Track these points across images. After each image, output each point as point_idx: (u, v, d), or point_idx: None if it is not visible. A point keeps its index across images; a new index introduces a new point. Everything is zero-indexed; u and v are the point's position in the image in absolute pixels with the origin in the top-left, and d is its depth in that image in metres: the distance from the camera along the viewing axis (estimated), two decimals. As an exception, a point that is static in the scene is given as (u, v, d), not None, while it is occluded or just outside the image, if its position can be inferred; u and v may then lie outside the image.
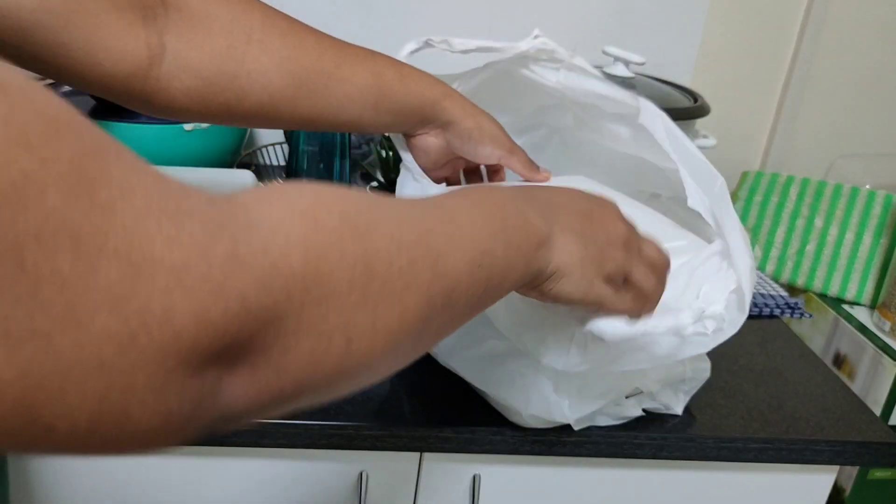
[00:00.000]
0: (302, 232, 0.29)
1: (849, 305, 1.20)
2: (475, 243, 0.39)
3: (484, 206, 0.41)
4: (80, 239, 0.22)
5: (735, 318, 0.62)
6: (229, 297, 0.25)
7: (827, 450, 0.74)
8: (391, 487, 0.74)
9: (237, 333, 0.26)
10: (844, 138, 1.39)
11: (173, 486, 0.72)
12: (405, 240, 0.34)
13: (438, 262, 0.35)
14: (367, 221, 0.32)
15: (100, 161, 0.23)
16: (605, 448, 0.71)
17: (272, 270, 0.27)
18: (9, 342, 0.21)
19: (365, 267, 0.31)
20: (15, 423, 0.22)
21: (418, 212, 0.37)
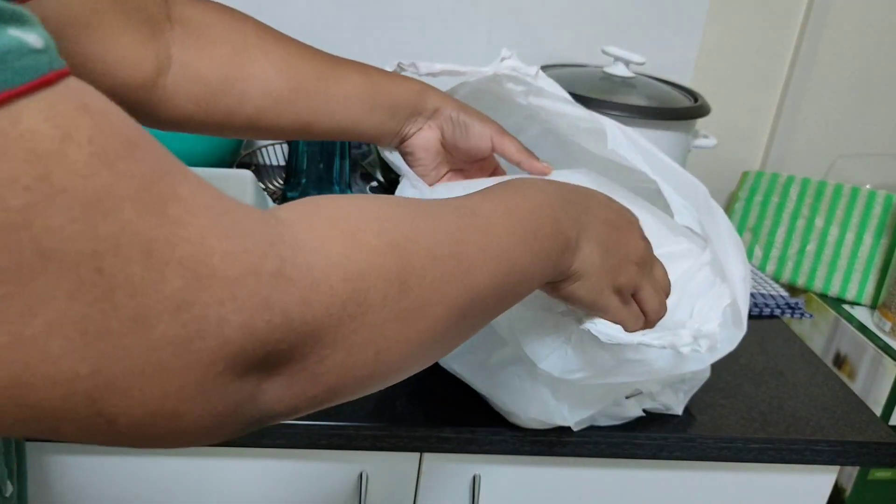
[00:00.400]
0: (343, 252, 0.31)
1: (849, 305, 1.20)
2: (506, 253, 0.40)
3: (519, 212, 0.42)
4: (152, 250, 0.24)
5: (731, 335, 0.62)
6: (274, 311, 0.27)
7: (827, 450, 0.74)
8: (391, 487, 0.74)
9: (278, 344, 0.28)
10: (845, 138, 1.39)
11: (174, 485, 0.72)
12: (440, 253, 0.35)
13: (469, 274, 0.37)
14: (405, 237, 0.34)
15: (169, 180, 0.25)
16: (605, 448, 0.71)
17: (314, 288, 0.29)
18: (85, 339, 0.23)
19: (400, 283, 0.33)
20: (82, 413, 0.24)
21: (455, 222, 0.38)
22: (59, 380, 0.23)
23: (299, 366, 0.29)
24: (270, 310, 0.27)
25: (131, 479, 0.71)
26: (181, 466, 0.71)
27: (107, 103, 0.25)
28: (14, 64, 0.22)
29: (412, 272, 0.33)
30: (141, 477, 0.71)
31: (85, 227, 0.23)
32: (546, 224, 0.44)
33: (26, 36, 0.23)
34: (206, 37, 0.59)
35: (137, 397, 0.25)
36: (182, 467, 0.71)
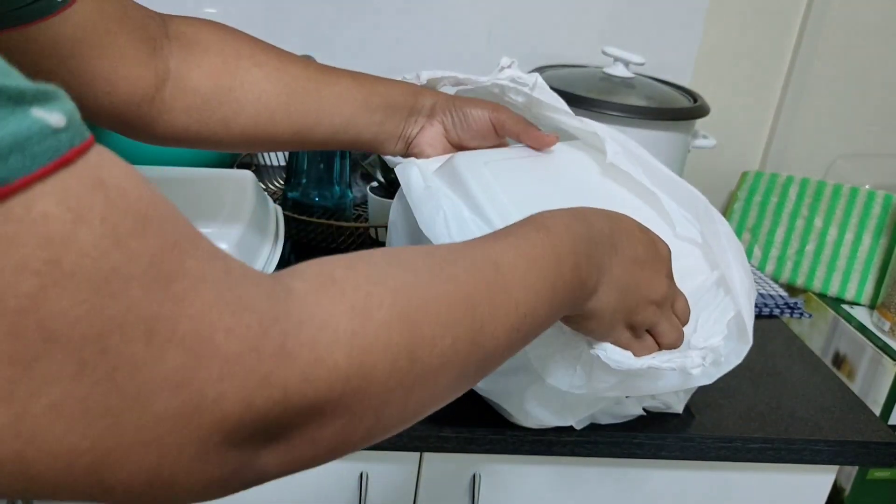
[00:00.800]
0: (350, 328, 0.30)
1: (848, 305, 1.20)
2: (522, 308, 0.39)
3: (542, 263, 0.42)
4: (154, 328, 0.24)
5: (737, 348, 0.62)
6: (274, 388, 0.27)
7: (826, 450, 0.74)
8: (391, 487, 0.74)
9: (277, 418, 0.28)
10: (844, 138, 1.39)
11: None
12: (452, 318, 0.35)
13: (480, 333, 0.37)
14: (417, 306, 0.34)
15: (177, 254, 0.26)
16: (604, 448, 0.71)
17: (316, 365, 0.29)
18: (87, 418, 0.24)
19: (409, 355, 0.33)
20: (81, 483, 0.25)
21: (472, 281, 0.37)
22: (60, 454, 0.24)
23: (298, 435, 0.30)
24: (270, 386, 0.27)
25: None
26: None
27: (124, 172, 0.25)
28: (34, 149, 0.22)
29: (422, 343, 0.33)
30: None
31: (91, 309, 0.23)
32: (567, 273, 0.43)
33: (49, 116, 0.23)
34: (200, 49, 0.60)
35: (135, 468, 0.25)
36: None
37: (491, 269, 0.39)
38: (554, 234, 0.43)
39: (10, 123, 0.22)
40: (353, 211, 1.07)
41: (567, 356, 0.58)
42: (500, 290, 0.38)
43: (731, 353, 0.62)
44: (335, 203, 1.00)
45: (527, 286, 0.40)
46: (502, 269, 0.39)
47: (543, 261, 0.42)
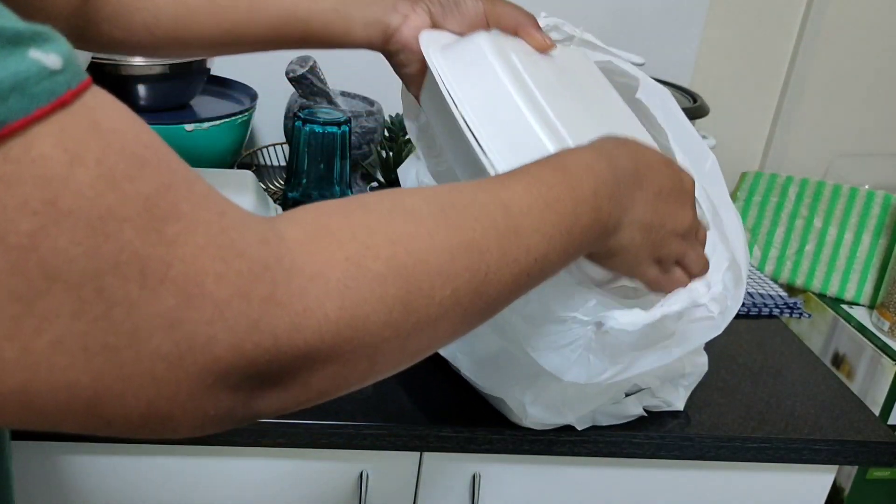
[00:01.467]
0: (343, 279, 0.30)
1: (848, 305, 1.20)
2: (533, 253, 0.37)
3: (559, 207, 0.39)
4: (147, 269, 0.25)
5: (736, 294, 0.63)
6: (263, 334, 0.27)
7: (826, 449, 0.74)
8: (391, 487, 0.74)
9: (268, 364, 0.28)
10: (843, 138, 1.39)
11: (174, 485, 0.72)
12: (454, 268, 0.34)
13: (484, 282, 0.35)
14: (416, 257, 0.32)
15: (171, 196, 0.26)
16: (604, 447, 0.71)
17: (306, 314, 0.29)
18: (87, 354, 0.25)
19: (404, 307, 0.32)
20: (82, 415, 0.26)
21: (479, 227, 0.35)
22: (61, 388, 0.25)
23: (290, 379, 0.30)
24: (259, 332, 0.27)
25: (130, 479, 0.72)
26: (181, 466, 0.71)
27: (121, 114, 0.26)
28: (32, 90, 0.23)
29: (419, 295, 0.32)
30: (140, 477, 0.72)
31: (87, 249, 0.24)
32: (585, 216, 0.40)
33: (46, 58, 0.23)
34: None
35: (132, 403, 0.26)
36: (182, 467, 0.71)
37: (501, 213, 0.36)
38: (573, 176, 0.41)
39: (10, 64, 0.22)
40: (353, 211, 1.07)
41: (577, 349, 0.58)
42: (509, 237, 0.36)
43: (732, 299, 0.63)
44: (335, 203, 1.00)
45: (540, 231, 0.38)
46: (513, 213, 0.37)
47: (559, 204, 0.39)
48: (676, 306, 0.54)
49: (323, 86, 1.06)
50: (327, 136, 0.96)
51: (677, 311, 0.54)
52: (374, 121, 1.10)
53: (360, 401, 0.70)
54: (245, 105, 1.10)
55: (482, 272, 0.35)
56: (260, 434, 0.67)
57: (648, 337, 0.59)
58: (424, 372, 0.75)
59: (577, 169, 0.41)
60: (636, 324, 0.53)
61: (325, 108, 1.04)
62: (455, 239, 0.34)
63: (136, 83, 1.00)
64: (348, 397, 0.70)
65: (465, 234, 0.35)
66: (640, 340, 0.58)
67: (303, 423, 0.67)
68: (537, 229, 0.38)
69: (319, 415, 0.68)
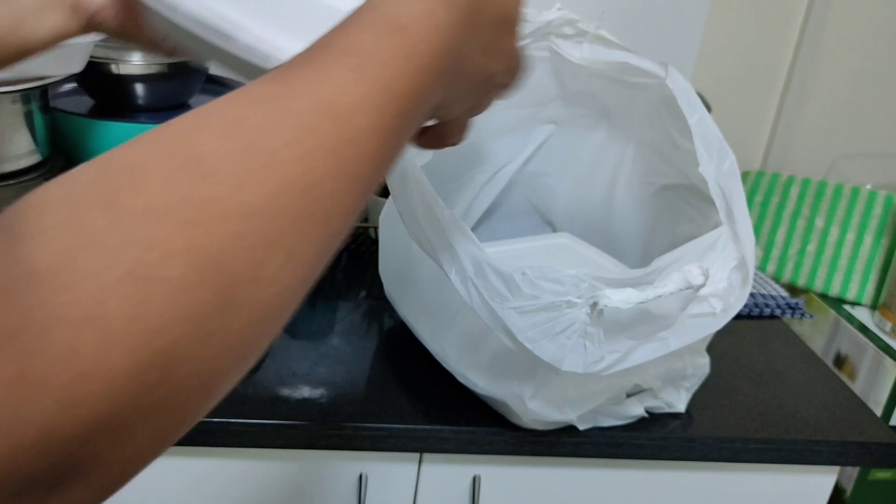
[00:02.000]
0: (127, 307, 0.21)
1: (850, 306, 1.20)
2: (374, 162, 0.28)
3: (400, 85, 0.29)
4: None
5: (740, 293, 0.63)
6: (26, 429, 0.20)
7: (827, 450, 0.74)
8: (391, 487, 0.74)
9: (45, 463, 0.21)
10: (845, 138, 1.39)
11: (173, 485, 0.72)
12: (280, 228, 0.25)
13: (325, 224, 0.26)
14: (227, 236, 0.23)
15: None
16: (605, 448, 0.71)
17: (80, 382, 0.20)
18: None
19: (224, 310, 0.23)
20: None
21: (304, 148, 0.25)
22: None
23: (93, 465, 0.22)
24: (21, 428, 0.20)
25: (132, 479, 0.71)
26: (181, 466, 0.71)
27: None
28: None
29: (240, 284, 0.23)
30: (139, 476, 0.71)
31: None
32: (427, 92, 0.30)
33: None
34: None
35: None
36: (182, 467, 0.71)
37: (329, 123, 0.26)
38: (411, 37, 0.29)
39: None
40: (353, 211, 1.07)
41: (571, 336, 0.57)
42: (346, 153, 0.26)
43: (735, 298, 0.63)
44: (335, 203, 1.00)
45: (378, 115, 0.28)
46: (342, 115, 0.27)
47: (399, 84, 0.29)
48: (669, 287, 0.55)
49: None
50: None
51: (670, 291, 0.55)
52: (374, 120, 1.10)
53: (360, 402, 0.70)
54: (244, 105, 1.10)
55: (318, 217, 0.26)
56: (260, 435, 0.67)
57: (644, 323, 0.59)
58: (424, 372, 0.75)
59: (415, 24, 0.30)
60: (629, 301, 0.54)
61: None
62: (274, 186, 0.24)
63: (134, 83, 1.00)
64: (347, 398, 0.70)
65: (286, 172, 0.25)
66: (636, 325, 0.58)
67: (303, 423, 0.67)
68: (377, 129, 0.28)
69: (319, 416, 0.67)
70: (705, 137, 0.69)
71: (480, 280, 0.59)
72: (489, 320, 0.60)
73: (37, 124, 0.89)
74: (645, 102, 0.81)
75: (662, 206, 0.86)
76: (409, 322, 0.76)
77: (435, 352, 0.73)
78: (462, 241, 0.61)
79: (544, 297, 0.57)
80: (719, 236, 0.65)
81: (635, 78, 0.77)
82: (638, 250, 0.89)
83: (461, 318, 0.67)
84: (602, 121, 0.89)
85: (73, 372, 0.20)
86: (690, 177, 0.80)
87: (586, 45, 0.77)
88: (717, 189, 0.67)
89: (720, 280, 0.62)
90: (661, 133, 0.82)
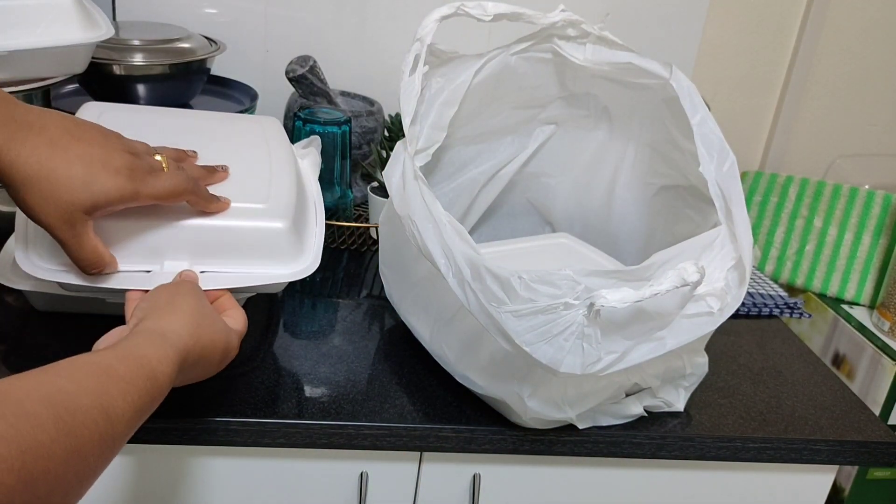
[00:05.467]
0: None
1: (848, 305, 1.20)
2: (119, 446, 0.43)
3: (147, 408, 0.46)
4: None
5: (737, 293, 0.64)
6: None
7: (826, 449, 0.74)
8: (391, 487, 0.74)
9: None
10: (844, 138, 1.39)
11: (174, 485, 0.72)
12: (68, 474, 0.36)
13: (85, 482, 0.39)
14: (42, 468, 0.34)
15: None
16: (604, 448, 0.71)
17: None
18: None
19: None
20: None
21: (88, 430, 0.39)
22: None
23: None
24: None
25: (130, 479, 0.72)
26: (181, 466, 0.71)
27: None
28: None
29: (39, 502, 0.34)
30: (140, 476, 0.72)
31: None
32: (155, 406, 0.48)
33: None
34: None
35: None
36: (182, 467, 0.71)
37: (103, 420, 0.40)
38: (159, 384, 0.48)
39: None
40: (354, 211, 1.07)
41: (569, 338, 0.58)
42: (107, 442, 0.40)
43: (732, 297, 0.64)
44: (335, 203, 1.00)
45: (129, 432, 0.44)
46: (112, 419, 0.41)
47: (147, 407, 0.46)
48: (665, 285, 0.55)
49: (323, 86, 1.06)
50: (327, 136, 0.96)
51: (666, 289, 0.56)
52: (374, 121, 1.10)
53: (360, 401, 0.70)
54: (245, 105, 1.10)
55: (86, 474, 0.38)
56: (260, 434, 0.67)
57: (642, 322, 0.59)
58: (424, 371, 0.75)
59: (163, 378, 0.48)
60: (626, 300, 0.54)
61: (325, 108, 1.04)
62: (70, 445, 0.36)
63: (136, 83, 1.00)
64: (348, 397, 0.70)
65: (77, 440, 0.37)
66: (633, 325, 0.59)
67: (303, 423, 0.67)
68: (127, 433, 0.44)
69: (319, 415, 0.68)
70: (707, 137, 0.70)
71: (477, 283, 0.60)
72: (486, 324, 0.60)
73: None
74: (646, 103, 0.82)
75: (662, 207, 0.87)
76: (409, 322, 0.77)
77: (434, 352, 0.74)
78: (459, 244, 0.61)
79: (541, 301, 0.57)
80: (717, 235, 0.66)
81: (638, 79, 0.77)
82: (637, 251, 0.89)
83: (460, 319, 0.67)
84: (602, 121, 0.90)
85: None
86: (690, 178, 0.80)
87: (590, 47, 0.77)
88: (716, 189, 0.68)
89: (717, 279, 0.62)
90: (662, 134, 0.82)
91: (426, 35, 0.70)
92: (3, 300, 0.79)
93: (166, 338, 0.51)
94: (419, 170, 0.67)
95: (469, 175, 0.91)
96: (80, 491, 0.38)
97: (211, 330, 0.56)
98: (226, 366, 0.59)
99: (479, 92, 0.80)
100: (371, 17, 1.21)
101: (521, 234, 0.95)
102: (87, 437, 0.38)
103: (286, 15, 1.19)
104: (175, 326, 0.53)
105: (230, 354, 0.59)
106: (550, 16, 0.74)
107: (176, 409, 0.66)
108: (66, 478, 0.36)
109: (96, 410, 0.40)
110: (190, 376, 0.55)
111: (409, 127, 0.68)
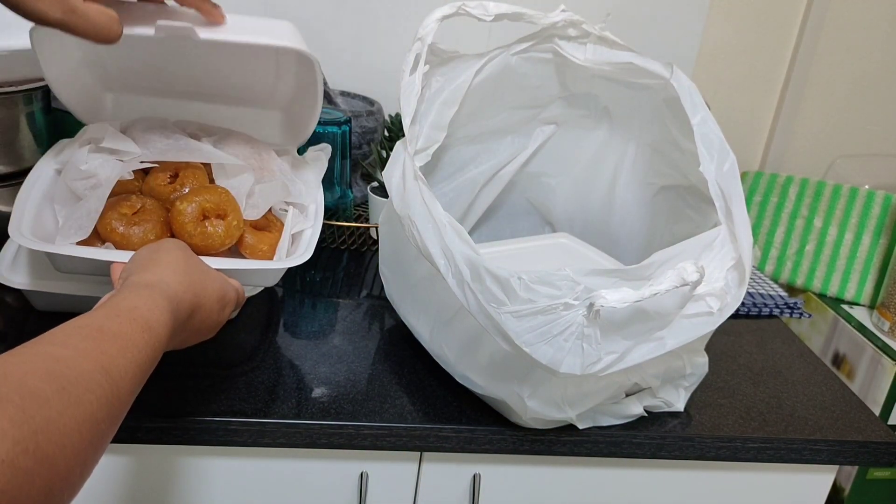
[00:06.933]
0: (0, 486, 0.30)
1: (848, 305, 1.20)
2: (126, 402, 0.42)
3: (147, 363, 0.45)
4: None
5: (737, 292, 0.64)
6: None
7: (826, 449, 0.74)
8: (391, 487, 0.74)
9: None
10: (844, 138, 1.39)
11: (173, 485, 0.72)
12: (83, 444, 0.36)
13: (101, 447, 0.39)
14: (56, 445, 0.34)
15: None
16: (604, 447, 0.71)
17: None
18: None
19: (46, 496, 0.33)
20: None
21: (94, 395, 0.38)
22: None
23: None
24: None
25: (130, 479, 0.72)
26: (181, 466, 0.71)
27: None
28: None
29: (59, 480, 0.34)
30: (140, 476, 0.72)
31: None
32: (157, 357, 0.47)
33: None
34: None
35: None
36: (182, 467, 0.71)
37: (106, 381, 0.40)
38: (156, 334, 0.47)
39: None
40: (354, 211, 1.07)
41: (568, 339, 0.58)
42: (113, 402, 0.40)
43: (732, 297, 0.64)
44: (335, 203, 1.00)
45: (134, 388, 0.44)
46: (114, 378, 0.41)
47: (147, 363, 0.45)
48: (665, 285, 0.56)
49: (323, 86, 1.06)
50: (327, 136, 0.96)
51: (665, 289, 0.56)
52: (374, 121, 1.10)
53: (360, 401, 0.70)
54: (245, 105, 1.10)
55: (98, 439, 0.38)
56: (260, 434, 0.67)
57: (641, 322, 0.59)
58: (425, 371, 0.75)
59: (159, 327, 0.47)
60: (625, 300, 0.54)
61: (325, 108, 1.04)
62: (79, 415, 0.37)
63: (135, 83, 1.00)
64: (348, 397, 0.70)
65: (84, 408, 0.37)
66: (632, 325, 0.59)
67: (303, 423, 0.67)
68: (133, 389, 0.43)
69: (319, 415, 0.68)
70: (707, 137, 0.70)
71: (477, 284, 0.60)
72: (486, 324, 0.60)
73: (38, 125, 0.89)
74: (646, 103, 0.82)
75: (662, 207, 0.87)
76: (409, 322, 0.77)
77: (434, 352, 0.74)
78: (459, 244, 0.61)
79: (541, 301, 0.57)
80: (717, 235, 0.66)
81: (639, 79, 0.77)
82: (638, 250, 0.89)
83: (459, 319, 0.67)
84: (603, 121, 0.90)
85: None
86: (690, 178, 0.80)
87: (590, 47, 0.77)
88: (716, 189, 0.68)
89: (717, 279, 0.62)
90: (662, 134, 0.82)
91: (427, 34, 0.70)
92: (3, 300, 0.79)
93: (154, 287, 0.50)
94: (419, 170, 0.67)
95: (469, 175, 0.91)
96: (95, 457, 0.38)
97: (202, 277, 0.55)
98: (231, 316, 0.56)
99: (479, 92, 0.80)
100: (371, 17, 1.21)
101: (521, 234, 0.95)
102: (93, 402, 0.38)
103: (286, 15, 1.19)
104: (161, 276, 0.52)
105: (229, 303, 0.57)
106: (551, 16, 0.74)
107: (176, 409, 0.66)
108: (81, 447, 0.36)
109: (98, 373, 0.39)
110: (191, 328, 0.54)
111: (409, 127, 0.68)
